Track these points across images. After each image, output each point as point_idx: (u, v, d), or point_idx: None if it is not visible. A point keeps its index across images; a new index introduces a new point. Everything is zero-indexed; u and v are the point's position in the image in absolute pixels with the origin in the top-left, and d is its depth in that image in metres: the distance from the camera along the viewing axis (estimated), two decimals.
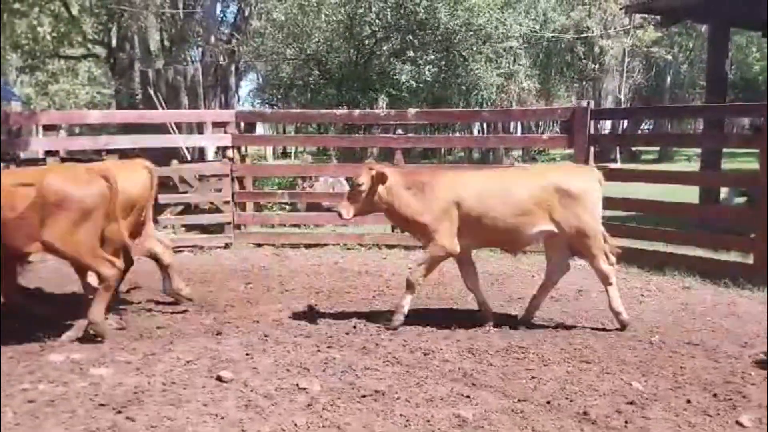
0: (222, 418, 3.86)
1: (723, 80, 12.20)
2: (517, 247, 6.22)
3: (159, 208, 9.77)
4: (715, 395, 4.21)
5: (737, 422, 3.83)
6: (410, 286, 5.66)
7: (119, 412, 3.94)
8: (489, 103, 18.51)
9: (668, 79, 36.47)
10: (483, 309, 5.81)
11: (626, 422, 3.84)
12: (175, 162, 9.98)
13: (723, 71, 12.08)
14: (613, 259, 5.69)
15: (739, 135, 16.81)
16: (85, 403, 4.05)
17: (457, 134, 30.55)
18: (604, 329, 5.65)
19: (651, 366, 4.74)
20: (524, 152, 28.44)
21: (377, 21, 14.33)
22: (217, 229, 9.62)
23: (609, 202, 9.08)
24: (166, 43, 18.58)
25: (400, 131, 10.30)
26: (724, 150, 15.30)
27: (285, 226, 10.17)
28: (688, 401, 4.13)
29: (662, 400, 4.14)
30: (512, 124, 32.70)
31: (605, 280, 5.61)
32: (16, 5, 12.95)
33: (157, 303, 6.41)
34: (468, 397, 4.18)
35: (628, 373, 4.60)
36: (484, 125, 31.96)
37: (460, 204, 5.46)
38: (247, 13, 17.90)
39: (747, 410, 3.98)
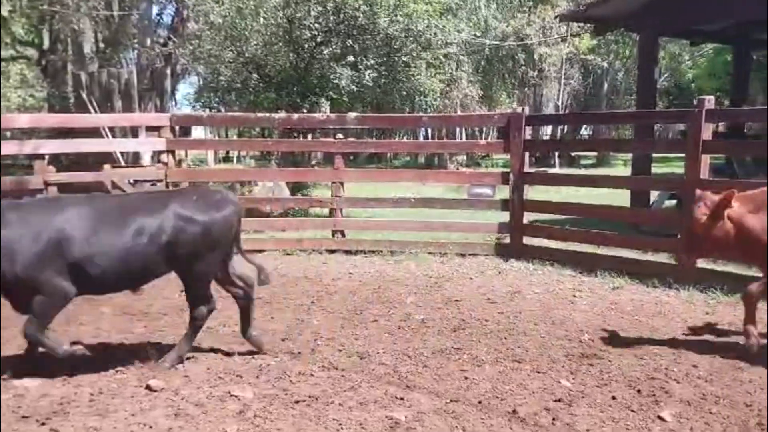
0: (150, 427, 3.79)
1: (653, 87, 12.64)
2: None
3: None
4: (639, 391, 4.35)
5: (659, 417, 3.96)
6: None
7: (43, 423, 3.84)
8: (432, 109, 18.70)
9: (605, 85, 37.48)
10: None
11: (553, 419, 3.93)
12: (107, 167, 9.74)
13: (653, 79, 12.52)
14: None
15: (667, 140, 17.42)
16: (7, 416, 3.92)
17: (404, 139, 30.79)
18: (536, 329, 5.76)
19: (580, 364, 4.87)
20: (468, 157, 28.79)
21: (317, 25, 14.31)
22: None
23: (548, 206, 9.44)
24: (101, 45, 18.15)
25: (340, 135, 10.29)
26: (663, 155, 15.86)
27: None
28: (613, 397, 4.25)
29: (588, 397, 4.26)
30: (457, 129, 33.10)
31: None
32: None
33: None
34: (402, 399, 4.22)
35: (557, 372, 4.71)
36: (429, 130, 32.27)
37: None
38: (184, 16, 17.65)
39: (669, 405, 4.13)
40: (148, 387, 4.35)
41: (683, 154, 7.59)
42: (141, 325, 5.95)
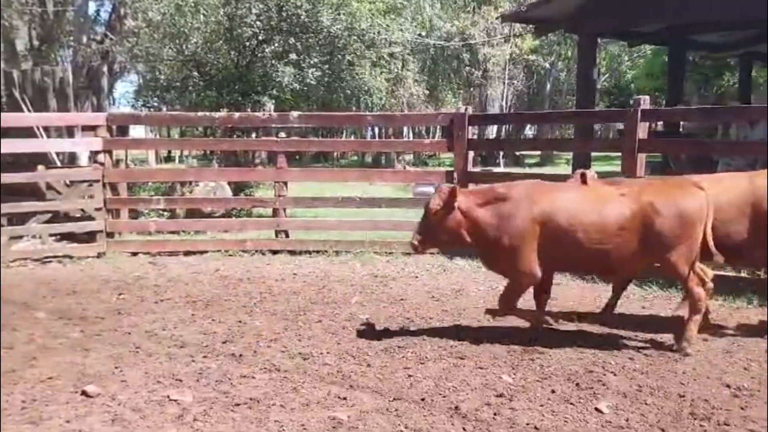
0: None
1: (592, 87, 12.95)
2: None
3: (23, 217, 9.23)
4: (577, 384, 4.43)
5: (596, 409, 4.04)
6: None
7: None
8: (378, 108, 18.75)
9: (548, 86, 38.15)
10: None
11: (495, 414, 3.97)
12: (41, 167, 9.40)
13: (592, 79, 12.83)
14: None
15: (606, 139, 17.86)
16: None
17: (351, 138, 30.73)
18: (480, 326, 5.81)
19: (521, 359, 4.93)
20: (415, 156, 28.94)
21: (258, 23, 14.14)
22: (89, 237, 9.13)
23: None
24: (35, 42, 17.52)
25: (282, 134, 10.19)
26: (604, 154, 16.21)
27: (162, 233, 9.79)
28: (553, 391, 4.32)
29: (529, 391, 4.31)
30: (404, 128, 33.22)
31: None
32: None
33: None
34: (344, 399, 4.20)
35: (499, 367, 4.76)
36: (376, 130, 32.31)
37: None
38: (121, 13, 17.21)
39: (606, 397, 4.21)
40: (84, 393, 4.23)
41: (620, 153, 7.77)
42: (78, 330, 5.75)
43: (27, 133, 9.94)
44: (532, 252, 5.10)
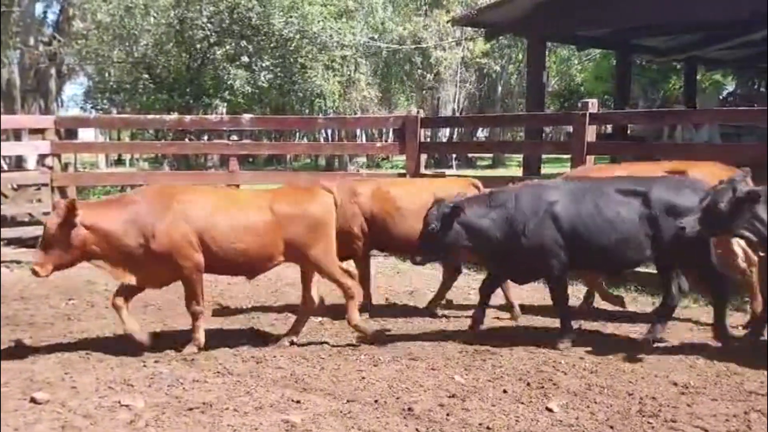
0: None
1: (541, 90, 13.22)
2: None
3: None
4: (528, 384, 4.51)
5: (547, 408, 4.12)
6: None
7: None
8: (331, 111, 18.74)
9: (499, 89, 38.55)
10: None
11: (447, 414, 4.03)
12: None
13: (541, 82, 13.10)
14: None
15: (555, 142, 18.24)
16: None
17: (304, 141, 30.55)
18: (432, 327, 5.88)
19: (473, 360, 5.01)
20: (369, 159, 28.97)
21: (209, 25, 14.04)
22: (37, 242, 8.91)
23: None
24: None
25: (234, 137, 10.13)
26: (555, 156, 16.51)
27: None
28: (505, 391, 4.39)
29: (481, 392, 4.39)
30: (357, 131, 33.19)
31: None
32: None
33: None
34: (298, 402, 4.21)
35: (452, 368, 4.83)
36: (329, 132, 32.22)
37: None
38: (70, 14, 16.84)
39: (556, 397, 4.30)
40: (32, 399, 4.17)
41: (570, 155, 7.98)
42: (26, 336, 5.64)
43: None
44: (189, 250, 5.02)
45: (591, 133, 7.71)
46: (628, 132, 14.65)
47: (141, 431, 3.78)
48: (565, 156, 14.85)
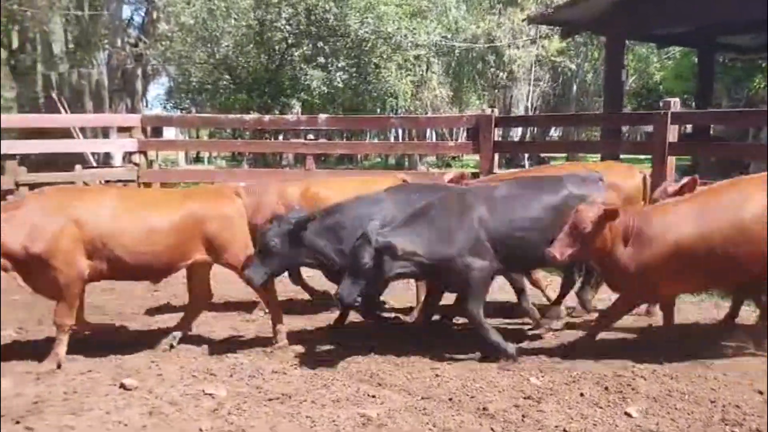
0: (125, 425, 3.84)
1: (620, 89, 12.91)
2: None
3: None
4: (606, 388, 4.43)
5: (626, 413, 4.05)
6: None
7: (18, 422, 3.86)
8: (403, 110, 18.80)
9: (574, 87, 37.81)
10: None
11: (523, 416, 4.02)
12: (78, 167, 9.68)
13: (620, 81, 12.79)
14: None
15: (634, 142, 17.73)
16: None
17: (375, 140, 30.73)
18: (505, 327, 5.85)
19: (548, 362, 4.95)
20: (438, 158, 28.91)
21: (288, 27, 14.36)
22: None
23: None
24: (71, 45, 17.93)
25: (311, 137, 10.34)
26: (633, 156, 16.09)
27: None
28: (582, 394, 4.33)
29: (557, 394, 4.34)
30: (427, 130, 33.16)
31: None
32: None
33: None
34: (374, 396, 4.28)
35: (526, 370, 4.78)
36: (399, 131, 32.31)
37: None
38: (154, 16, 17.54)
39: (635, 402, 4.21)
40: (122, 386, 4.37)
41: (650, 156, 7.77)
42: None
43: (64, 133, 10.25)
44: (73, 256, 4.69)
45: (673, 133, 7.49)
46: (711, 132, 14.13)
47: (224, 419, 3.93)
48: (641, 156, 14.55)
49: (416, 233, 4.85)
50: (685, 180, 5.71)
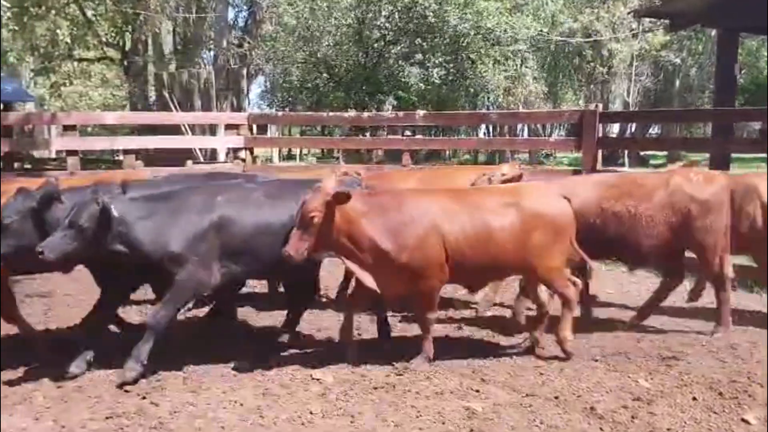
0: (240, 404, 4.04)
1: (732, 84, 12.28)
2: None
3: None
4: (720, 393, 4.27)
5: (743, 419, 3.90)
6: None
7: (143, 398, 4.15)
8: (495, 106, 18.58)
9: (677, 82, 36.30)
10: None
11: (632, 417, 3.93)
12: (190, 162, 10.17)
13: (732, 75, 12.17)
14: None
15: (745, 139, 16.81)
16: (110, 389, 4.27)
17: (463, 137, 30.54)
18: (612, 329, 5.71)
19: (658, 365, 4.81)
20: (530, 155, 28.39)
21: (387, 25, 14.54)
22: None
23: None
24: (179, 46, 18.84)
25: (408, 133, 10.43)
26: (738, 156, 15.30)
27: None
28: (694, 399, 4.19)
29: (668, 397, 4.22)
30: (518, 126, 32.66)
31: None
32: (34, 9, 13.20)
33: None
34: (477, 391, 4.29)
35: (634, 371, 4.67)
36: (490, 128, 31.99)
37: None
38: (258, 18, 18.15)
39: (753, 409, 4.04)
40: (235, 368, 4.60)
41: (764, 155, 7.36)
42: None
43: (174, 130, 10.81)
44: None
45: None
46: None
47: (332, 404, 4.05)
48: (748, 156, 13.76)
49: (148, 214, 4.39)
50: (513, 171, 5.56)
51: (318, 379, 4.41)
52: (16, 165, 15.91)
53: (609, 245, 5.50)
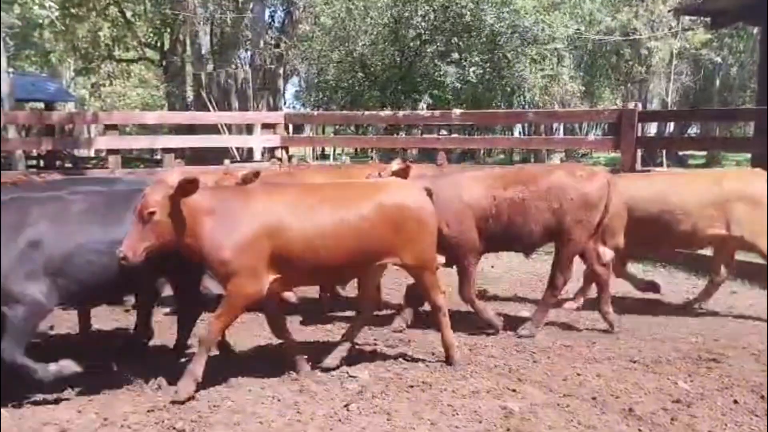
0: (279, 400, 4.09)
1: None
2: None
3: None
4: (762, 397, 4.20)
5: None
6: None
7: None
8: (531, 105, 18.42)
9: (717, 81, 35.62)
10: None
11: (672, 419, 3.88)
12: (227, 161, 10.30)
13: None
14: None
15: None
16: (153, 386, 4.35)
17: (497, 135, 30.36)
18: (649, 330, 5.66)
19: (698, 367, 4.74)
20: (567, 154, 28.10)
21: (423, 24, 14.53)
22: None
23: None
24: (216, 46, 19.11)
25: (444, 132, 10.43)
26: None
27: None
28: (735, 401, 4.13)
29: (708, 400, 4.16)
30: (554, 125, 32.38)
31: None
32: (75, 10, 13.56)
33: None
34: (514, 390, 4.28)
35: (673, 373, 4.62)
36: (526, 127, 31.73)
37: None
38: (294, 18, 18.30)
39: None
40: (273, 365, 4.63)
41: None
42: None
43: (212, 129, 10.98)
44: None
45: None
46: None
47: (368, 401, 4.08)
48: None
49: None
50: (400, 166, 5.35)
51: (355, 377, 4.45)
52: (57, 163, 16.35)
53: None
